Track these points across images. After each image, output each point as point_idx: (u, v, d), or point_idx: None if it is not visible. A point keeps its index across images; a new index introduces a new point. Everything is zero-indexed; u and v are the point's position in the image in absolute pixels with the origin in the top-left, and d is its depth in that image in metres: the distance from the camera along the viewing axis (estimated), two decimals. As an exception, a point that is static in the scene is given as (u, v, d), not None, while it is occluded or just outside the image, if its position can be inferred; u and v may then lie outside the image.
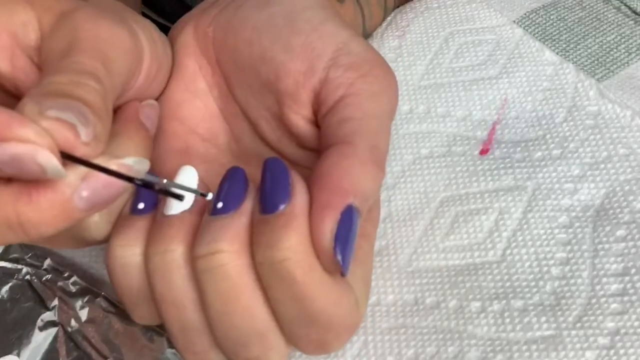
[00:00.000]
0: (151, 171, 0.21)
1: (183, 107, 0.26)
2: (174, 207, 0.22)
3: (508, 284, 0.25)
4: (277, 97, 0.24)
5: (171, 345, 0.26)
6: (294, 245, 0.20)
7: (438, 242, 0.27)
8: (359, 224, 0.20)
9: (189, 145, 0.26)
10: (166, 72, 0.26)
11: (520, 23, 0.33)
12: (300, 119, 0.24)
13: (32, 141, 0.17)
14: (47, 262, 0.29)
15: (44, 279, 0.29)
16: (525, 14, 0.34)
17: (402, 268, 0.27)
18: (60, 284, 0.29)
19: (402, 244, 0.27)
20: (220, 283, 0.20)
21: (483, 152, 0.29)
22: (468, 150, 0.30)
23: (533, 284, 0.25)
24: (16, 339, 0.28)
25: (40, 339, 0.28)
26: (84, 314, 0.28)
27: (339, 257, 0.20)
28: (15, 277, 0.29)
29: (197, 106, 0.26)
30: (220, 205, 0.21)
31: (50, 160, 0.17)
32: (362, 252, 0.23)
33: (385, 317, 0.25)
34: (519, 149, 0.29)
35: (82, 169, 0.18)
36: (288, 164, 0.24)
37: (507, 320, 0.24)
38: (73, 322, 0.28)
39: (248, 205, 0.21)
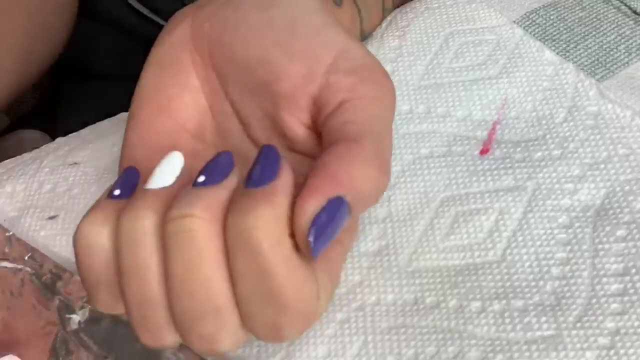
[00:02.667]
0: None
1: (173, 102, 0.26)
2: (155, 182, 0.22)
3: (508, 283, 0.25)
4: (273, 98, 0.24)
5: (171, 345, 0.26)
6: (266, 216, 0.19)
7: (438, 242, 0.27)
8: (345, 221, 0.20)
9: (177, 142, 0.26)
10: None
11: (520, 23, 0.33)
12: (295, 121, 0.24)
13: None
14: (47, 262, 0.29)
15: (43, 278, 0.29)
16: (525, 14, 0.34)
17: (402, 268, 0.27)
18: (60, 284, 0.29)
19: (402, 244, 0.27)
20: (186, 248, 0.20)
21: (483, 152, 0.29)
22: (468, 150, 0.30)
23: (533, 284, 0.25)
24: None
25: (41, 339, 0.28)
26: (84, 314, 0.28)
27: (311, 239, 0.20)
28: (16, 276, 0.29)
29: (187, 101, 0.26)
30: (202, 178, 0.21)
31: None
32: (334, 253, 0.23)
33: (385, 317, 0.25)
34: (519, 149, 0.29)
35: None
36: None
37: (507, 320, 0.24)
38: (73, 322, 0.28)
39: (231, 181, 0.21)
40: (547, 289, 0.25)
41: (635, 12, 0.33)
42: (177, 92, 0.26)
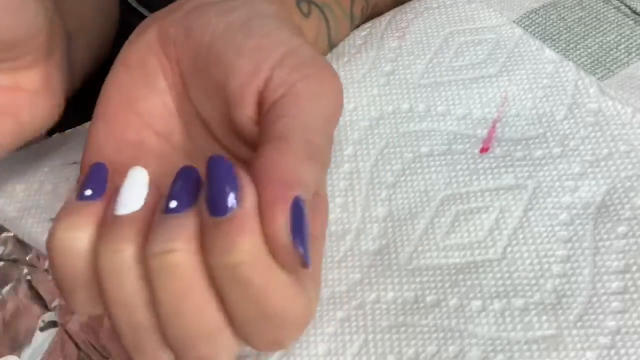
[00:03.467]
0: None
1: (141, 103, 0.26)
2: (125, 207, 0.22)
3: (509, 282, 0.25)
4: (226, 98, 0.24)
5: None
6: (249, 248, 0.19)
7: (438, 240, 0.27)
8: (308, 214, 0.20)
9: (144, 139, 0.26)
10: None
11: (520, 23, 0.33)
12: (246, 119, 0.24)
13: None
14: (48, 263, 0.29)
15: (44, 279, 0.29)
16: (525, 14, 0.34)
17: (403, 266, 0.26)
18: (60, 283, 0.28)
19: (403, 242, 0.27)
20: (173, 282, 0.20)
21: (483, 150, 0.29)
22: (468, 148, 0.30)
23: (534, 281, 0.25)
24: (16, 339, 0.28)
25: (41, 339, 0.28)
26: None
27: (300, 249, 0.20)
28: (16, 277, 0.29)
29: (155, 103, 0.26)
30: (173, 204, 0.21)
31: None
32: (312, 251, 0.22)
33: (385, 315, 0.25)
34: (519, 147, 0.29)
35: None
36: (239, 164, 0.24)
37: (508, 319, 0.24)
38: (73, 323, 0.28)
39: (201, 205, 0.21)
40: (547, 287, 0.25)
41: (635, 12, 0.33)
42: (145, 93, 0.26)
